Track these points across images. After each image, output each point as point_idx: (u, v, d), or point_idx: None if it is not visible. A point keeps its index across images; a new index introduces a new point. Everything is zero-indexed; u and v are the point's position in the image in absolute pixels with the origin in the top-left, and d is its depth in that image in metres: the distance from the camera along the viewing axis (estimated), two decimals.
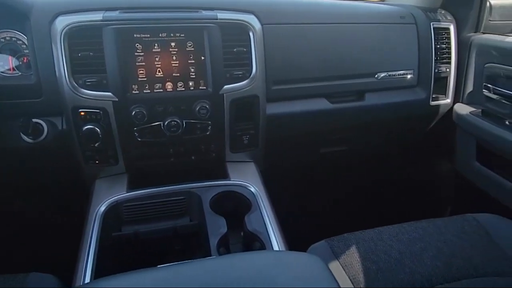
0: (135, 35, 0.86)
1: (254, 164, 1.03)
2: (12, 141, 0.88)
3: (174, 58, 0.88)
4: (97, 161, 0.93)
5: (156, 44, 0.87)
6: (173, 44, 0.88)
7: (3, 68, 0.87)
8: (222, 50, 0.92)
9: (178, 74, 0.89)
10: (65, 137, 0.90)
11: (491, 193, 1.16)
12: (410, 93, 1.21)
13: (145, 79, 0.87)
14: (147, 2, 0.94)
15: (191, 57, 0.89)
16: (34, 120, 0.87)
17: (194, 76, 0.90)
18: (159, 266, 0.57)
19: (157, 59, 0.87)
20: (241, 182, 0.93)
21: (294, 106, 1.10)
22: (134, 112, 0.87)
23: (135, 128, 0.90)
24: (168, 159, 0.96)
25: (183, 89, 0.90)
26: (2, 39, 0.87)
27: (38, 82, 0.87)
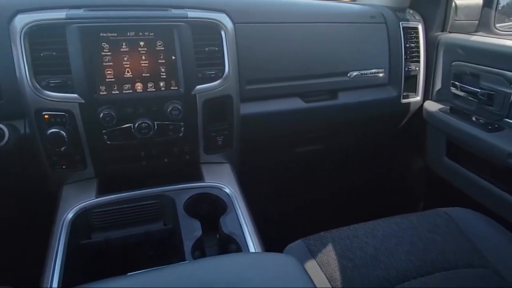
0: (102, 34, 0.82)
1: (229, 165, 1.02)
2: None
3: (144, 58, 0.86)
4: (64, 166, 0.89)
5: (124, 44, 0.84)
6: (142, 44, 0.85)
7: None
8: (194, 50, 0.90)
9: (148, 74, 0.87)
10: (29, 142, 0.86)
11: (461, 188, 1.19)
12: (382, 91, 1.23)
13: (113, 80, 0.84)
14: (114, 0, 0.91)
15: (161, 57, 0.87)
16: None
17: (165, 76, 0.88)
18: (129, 274, 0.54)
19: (126, 59, 0.84)
20: (216, 184, 0.92)
21: (268, 106, 1.09)
22: (102, 114, 0.83)
23: (104, 131, 0.86)
24: (140, 162, 0.93)
25: (154, 90, 0.87)
26: None
27: None
